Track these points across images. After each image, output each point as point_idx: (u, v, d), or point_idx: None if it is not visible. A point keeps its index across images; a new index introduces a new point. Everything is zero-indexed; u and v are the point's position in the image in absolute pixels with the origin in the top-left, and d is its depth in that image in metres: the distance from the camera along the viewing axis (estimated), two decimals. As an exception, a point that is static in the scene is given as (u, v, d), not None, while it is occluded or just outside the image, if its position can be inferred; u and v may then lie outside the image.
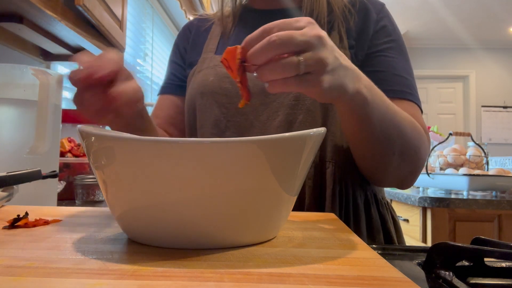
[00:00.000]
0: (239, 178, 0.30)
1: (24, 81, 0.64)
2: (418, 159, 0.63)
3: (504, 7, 4.43)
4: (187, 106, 0.75)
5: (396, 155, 0.59)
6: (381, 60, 0.69)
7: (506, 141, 5.56)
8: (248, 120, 0.67)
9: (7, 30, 1.11)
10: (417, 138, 0.61)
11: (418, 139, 0.61)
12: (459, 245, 0.32)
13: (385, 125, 0.55)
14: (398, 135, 0.58)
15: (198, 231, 0.31)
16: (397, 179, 0.65)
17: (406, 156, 0.60)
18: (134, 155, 0.29)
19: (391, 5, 4.63)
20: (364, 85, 0.50)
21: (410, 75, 0.70)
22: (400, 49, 0.71)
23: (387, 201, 0.74)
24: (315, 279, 0.24)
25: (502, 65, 5.63)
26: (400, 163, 0.61)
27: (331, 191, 0.65)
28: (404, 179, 0.66)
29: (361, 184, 0.68)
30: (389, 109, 0.56)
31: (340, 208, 0.65)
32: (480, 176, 1.69)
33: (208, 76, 0.71)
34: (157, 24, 2.74)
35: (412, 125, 0.60)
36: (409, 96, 0.67)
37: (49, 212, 0.48)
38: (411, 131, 0.59)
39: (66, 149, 1.02)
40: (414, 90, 0.69)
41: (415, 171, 0.65)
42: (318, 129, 0.34)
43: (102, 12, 1.24)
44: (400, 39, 0.72)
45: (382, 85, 0.64)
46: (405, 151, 0.60)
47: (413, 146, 0.61)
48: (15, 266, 0.25)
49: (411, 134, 0.60)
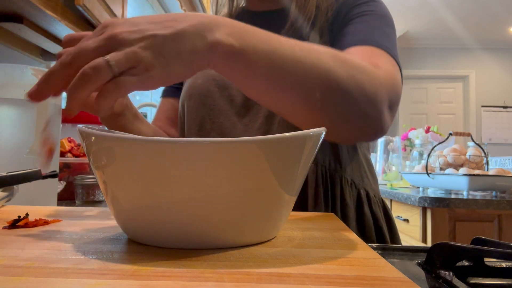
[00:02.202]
0: (239, 178, 0.30)
1: (24, 81, 0.64)
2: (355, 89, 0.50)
3: (504, 7, 4.43)
4: (179, 109, 0.77)
5: (318, 92, 0.48)
6: (346, 28, 0.64)
7: (506, 141, 5.56)
8: (231, 121, 0.68)
9: (7, 30, 1.11)
10: (345, 68, 0.49)
11: (347, 69, 0.49)
12: (459, 245, 0.32)
13: (282, 69, 0.45)
14: (308, 72, 0.47)
15: (198, 231, 0.31)
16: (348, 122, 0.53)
17: (333, 88, 0.48)
18: (134, 155, 0.29)
19: (391, 5, 4.64)
20: (226, 32, 0.40)
21: (380, 31, 0.62)
22: (375, 17, 0.64)
23: (380, 199, 0.74)
24: (315, 279, 0.24)
25: (502, 65, 5.63)
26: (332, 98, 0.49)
27: (313, 191, 0.65)
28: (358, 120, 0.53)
29: (353, 183, 0.68)
30: (287, 49, 0.45)
31: (325, 208, 0.65)
32: (480, 176, 1.69)
33: (196, 79, 0.72)
34: (157, 24, 2.73)
35: (333, 58, 0.49)
36: (371, 43, 0.59)
37: (49, 212, 0.48)
38: (332, 64, 0.48)
39: (66, 149, 1.02)
40: (377, 37, 0.60)
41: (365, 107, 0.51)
42: (318, 129, 0.34)
43: (102, 12, 1.24)
44: (379, 11, 0.66)
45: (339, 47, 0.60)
46: (330, 84, 0.48)
47: (340, 76, 0.48)
48: (15, 266, 0.25)
49: (334, 66, 0.48)
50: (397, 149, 2.41)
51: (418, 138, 2.57)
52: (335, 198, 0.66)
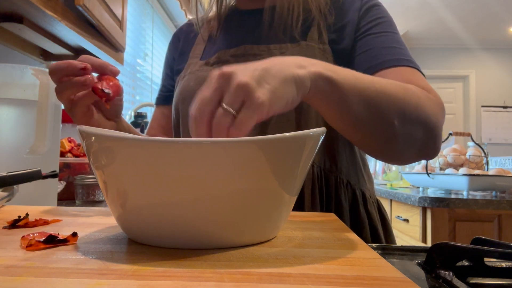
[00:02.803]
0: (239, 178, 0.30)
1: (24, 81, 0.64)
2: (423, 116, 0.56)
3: (504, 7, 4.43)
4: (173, 113, 0.77)
5: (396, 120, 0.54)
6: (368, 39, 0.67)
7: (506, 141, 5.56)
8: None
9: (7, 30, 1.11)
10: (412, 97, 0.56)
11: (414, 98, 0.56)
12: (459, 245, 0.32)
13: (369, 98, 0.51)
14: (388, 103, 0.53)
15: (198, 231, 0.31)
16: (415, 147, 0.59)
17: (407, 117, 0.55)
18: (134, 155, 0.29)
19: (391, 5, 4.65)
20: (324, 67, 0.47)
21: (401, 44, 0.67)
22: (387, 25, 0.68)
23: (375, 199, 0.74)
24: (315, 279, 0.24)
25: (502, 65, 5.63)
26: (405, 125, 0.55)
27: (310, 191, 0.65)
28: (422, 144, 0.59)
29: (348, 183, 0.69)
30: (367, 81, 0.52)
31: (321, 208, 0.65)
32: (480, 176, 1.69)
33: (189, 82, 0.73)
34: (157, 24, 2.74)
35: (401, 88, 0.55)
36: (403, 62, 0.64)
37: (49, 212, 0.48)
38: (403, 94, 0.55)
39: (66, 149, 1.02)
40: (407, 55, 0.65)
41: (430, 131, 0.58)
42: (318, 129, 0.34)
43: (102, 12, 1.24)
44: (387, 18, 0.70)
45: (372, 61, 0.63)
46: (405, 112, 0.54)
47: (411, 105, 0.55)
48: (15, 266, 0.25)
49: (404, 95, 0.55)
50: (397, 149, 2.41)
51: (418, 138, 2.57)
52: (330, 198, 0.66)
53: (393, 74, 0.62)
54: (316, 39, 0.68)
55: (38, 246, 0.30)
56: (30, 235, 0.32)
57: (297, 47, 0.68)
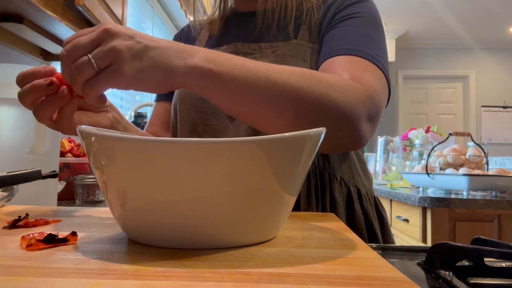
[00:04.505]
0: (239, 178, 0.30)
1: (24, 81, 0.64)
2: (329, 105, 0.52)
3: (504, 7, 4.43)
4: (171, 112, 0.77)
5: (290, 110, 0.51)
6: (332, 32, 0.66)
7: (506, 141, 5.56)
8: (223, 123, 0.69)
9: (7, 30, 1.11)
10: (317, 85, 0.52)
11: (321, 87, 0.52)
12: (459, 245, 0.32)
13: (257, 89, 0.49)
14: (280, 92, 0.50)
15: (198, 231, 0.31)
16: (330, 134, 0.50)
17: (303, 106, 0.51)
18: (134, 155, 0.29)
19: (391, 5, 4.64)
20: (206, 59, 0.46)
21: (361, 36, 0.63)
22: (360, 20, 0.65)
23: (373, 196, 0.74)
24: (315, 279, 0.24)
25: (502, 65, 5.63)
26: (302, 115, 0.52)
27: (305, 189, 0.65)
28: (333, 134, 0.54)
29: (342, 180, 0.69)
30: (261, 72, 0.49)
31: (316, 206, 0.66)
32: (480, 176, 1.69)
33: None
34: (157, 24, 2.74)
35: (301, 76, 0.52)
36: (353, 52, 0.60)
37: (49, 212, 0.48)
38: (301, 82, 0.51)
39: (66, 149, 1.02)
40: (362, 46, 0.61)
41: (341, 120, 0.53)
42: (318, 129, 0.34)
43: (102, 12, 1.24)
44: (365, 13, 0.66)
45: (326, 53, 0.63)
46: (301, 101, 0.51)
47: (311, 94, 0.51)
48: (15, 266, 0.25)
49: (302, 84, 0.51)
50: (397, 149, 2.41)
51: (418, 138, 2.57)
52: (324, 195, 0.67)
53: (333, 63, 0.61)
54: (306, 38, 0.69)
55: (38, 246, 0.30)
56: (30, 235, 0.32)
57: (288, 45, 0.69)
